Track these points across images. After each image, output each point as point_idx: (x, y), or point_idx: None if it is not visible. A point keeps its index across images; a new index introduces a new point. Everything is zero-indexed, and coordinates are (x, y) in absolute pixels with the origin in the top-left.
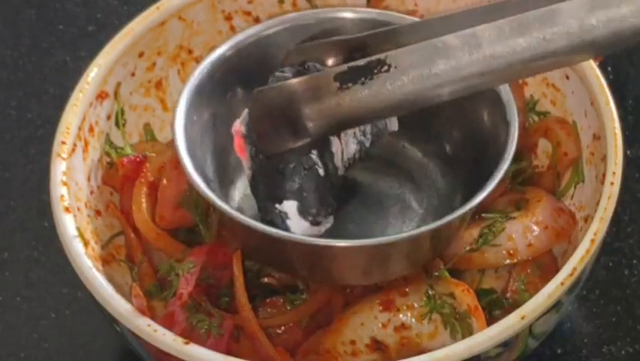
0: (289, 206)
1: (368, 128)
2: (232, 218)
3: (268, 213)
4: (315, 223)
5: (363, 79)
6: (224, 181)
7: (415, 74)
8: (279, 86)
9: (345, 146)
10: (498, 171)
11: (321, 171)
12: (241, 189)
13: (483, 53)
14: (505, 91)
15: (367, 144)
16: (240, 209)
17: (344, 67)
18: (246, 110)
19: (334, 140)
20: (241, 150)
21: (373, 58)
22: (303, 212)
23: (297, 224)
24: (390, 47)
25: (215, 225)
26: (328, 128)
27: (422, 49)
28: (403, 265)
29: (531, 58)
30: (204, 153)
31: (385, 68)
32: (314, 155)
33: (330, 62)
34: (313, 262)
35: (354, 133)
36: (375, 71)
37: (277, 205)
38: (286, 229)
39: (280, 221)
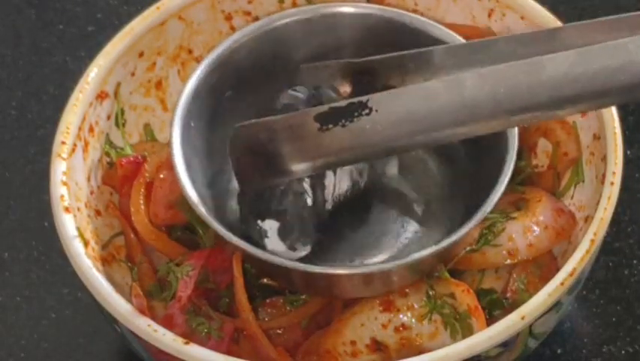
0: (270, 225)
1: (365, 169)
2: (224, 238)
3: (248, 227)
4: (291, 248)
5: (343, 121)
6: (222, 183)
7: (396, 119)
8: (260, 123)
9: (339, 182)
10: (499, 185)
11: (310, 201)
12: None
13: (465, 101)
14: None
15: (362, 185)
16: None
17: (325, 107)
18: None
19: (329, 174)
20: None
21: (355, 100)
22: (281, 234)
23: (273, 244)
24: (397, 73)
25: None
26: (308, 168)
27: (405, 94)
28: (406, 279)
29: (514, 109)
30: (203, 156)
31: (367, 111)
32: (306, 183)
33: (338, 83)
34: (311, 283)
35: (351, 171)
36: (357, 114)
37: (259, 221)
38: (262, 246)
39: (258, 237)
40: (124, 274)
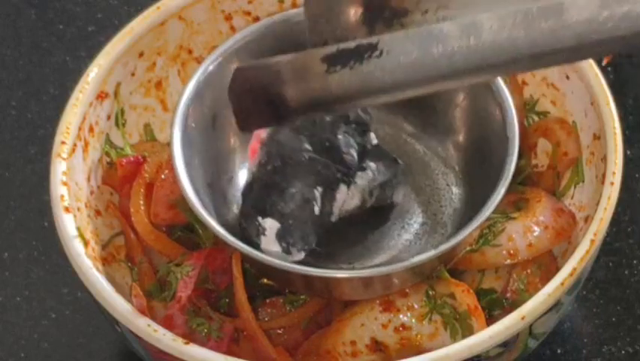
0: (270, 224)
1: (376, 190)
2: (223, 240)
3: (246, 221)
4: (286, 251)
5: (352, 63)
6: (222, 183)
7: (408, 61)
8: (263, 64)
9: (350, 198)
10: (500, 188)
11: (317, 209)
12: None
13: (482, 45)
14: (508, 106)
15: (368, 204)
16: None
17: (333, 48)
18: None
19: (343, 187)
20: (253, 154)
21: (365, 41)
22: (280, 236)
23: (269, 243)
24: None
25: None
26: (312, 110)
27: (418, 35)
28: (406, 282)
29: (533, 54)
30: (203, 157)
31: (377, 53)
32: (318, 191)
33: (347, 5)
34: (310, 285)
35: (363, 190)
36: (366, 56)
37: (259, 218)
38: (257, 243)
39: (255, 233)
40: (124, 274)
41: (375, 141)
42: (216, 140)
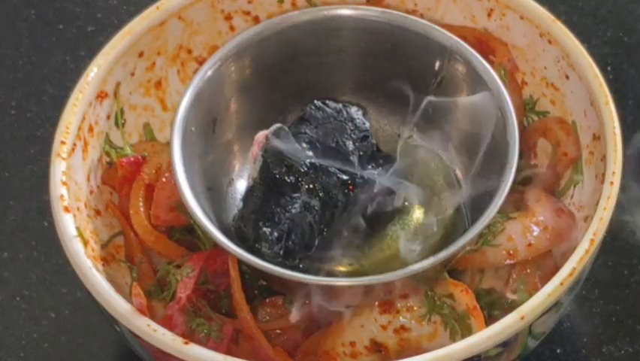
0: (270, 230)
1: (377, 197)
2: (222, 246)
3: (246, 226)
4: (285, 257)
5: None
6: (222, 186)
7: None
8: None
9: (351, 205)
10: (501, 192)
11: (317, 216)
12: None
13: None
14: (508, 108)
15: (369, 211)
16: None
17: None
18: (274, 126)
19: (344, 195)
20: (253, 159)
21: None
22: (279, 241)
23: (267, 247)
24: None
25: None
26: None
27: None
28: (407, 286)
29: None
30: (203, 160)
31: None
32: (318, 198)
33: None
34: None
35: (364, 197)
36: None
37: (259, 223)
38: (256, 247)
39: (254, 238)
40: (124, 274)
41: (376, 147)
42: (216, 144)
